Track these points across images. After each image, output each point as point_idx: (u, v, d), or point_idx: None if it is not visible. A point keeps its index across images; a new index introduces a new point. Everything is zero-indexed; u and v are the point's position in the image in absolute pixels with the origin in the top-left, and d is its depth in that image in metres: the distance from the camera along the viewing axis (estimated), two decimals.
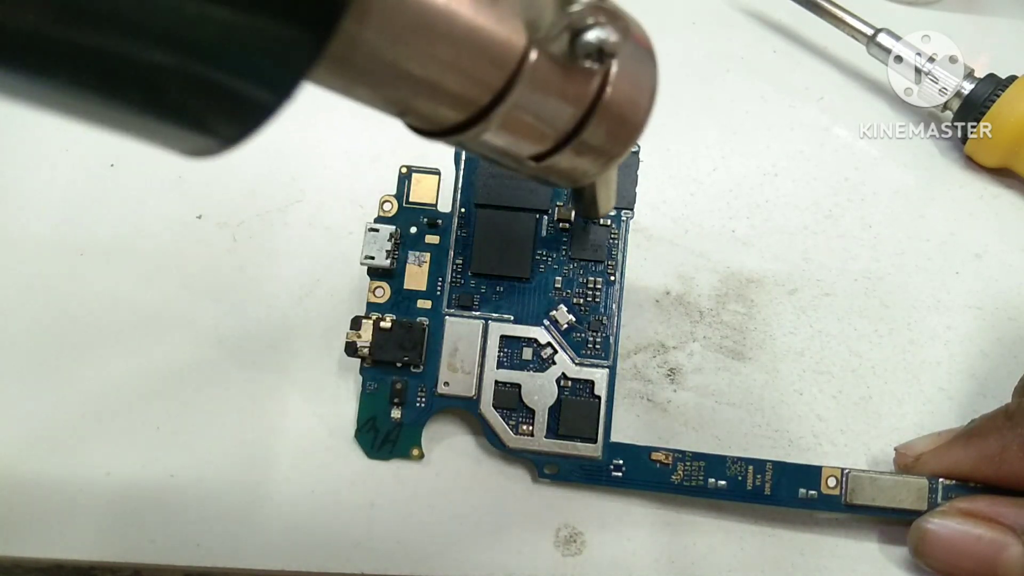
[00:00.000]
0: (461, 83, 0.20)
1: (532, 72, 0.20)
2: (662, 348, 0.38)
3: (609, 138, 0.24)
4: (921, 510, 0.32)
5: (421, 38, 0.18)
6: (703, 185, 0.42)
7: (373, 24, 0.17)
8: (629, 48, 0.23)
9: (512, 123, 0.21)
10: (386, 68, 0.19)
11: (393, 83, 0.19)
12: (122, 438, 0.36)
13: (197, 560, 0.34)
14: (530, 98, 0.21)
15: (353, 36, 0.17)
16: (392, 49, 0.18)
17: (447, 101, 0.20)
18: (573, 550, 0.34)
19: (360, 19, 0.17)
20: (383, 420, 0.35)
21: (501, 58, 0.20)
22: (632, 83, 0.23)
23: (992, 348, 0.38)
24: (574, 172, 0.25)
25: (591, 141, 0.23)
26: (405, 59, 0.19)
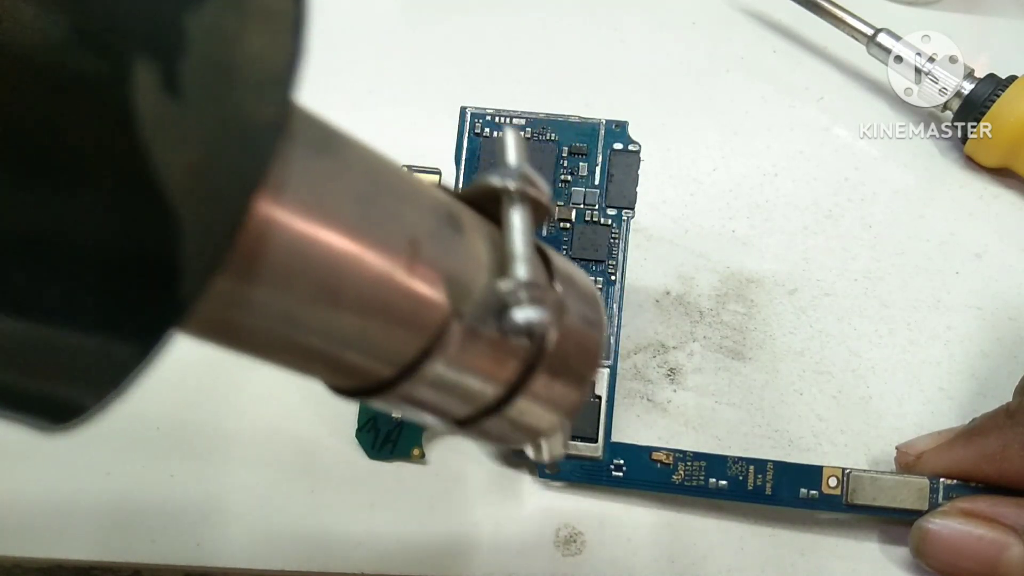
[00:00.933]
0: (366, 355, 0.18)
1: (450, 345, 0.18)
2: (662, 348, 0.38)
3: (543, 407, 0.21)
4: (922, 510, 0.32)
5: (322, 307, 0.16)
6: (703, 185, 0.42)
7: (260, 291, 0.15)
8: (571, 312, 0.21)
9: (422, 395, 0.19)
10: (277, 336, 0.16)
11: (286, 351, 0.17)
12: (122, 438, 0.36)
13: (197, 560, 0.34)
14: (449, 370, 0.19)
15: (234, 302, 0.15)
16: (285, 317, 0.16)
17: (350, 372, 0.18)
18: (573, 550, 0.34)
19: (244, 282, 0.15)
20: (384, 420, 0.35)
21: (416, 328, 0.18)
22: (572, 350, 0.21)
23: (992, 348, 0.38)
24: (506, 438, 0.23)
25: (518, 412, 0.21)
26: (301, 328, 0.16)
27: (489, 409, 0.21)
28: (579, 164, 0.36)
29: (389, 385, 0.19)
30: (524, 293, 0.18)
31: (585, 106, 0.43)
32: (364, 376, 0.18)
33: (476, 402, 0.20)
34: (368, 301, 0.17)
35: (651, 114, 0.43)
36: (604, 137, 0.36)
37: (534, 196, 0.19)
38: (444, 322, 0.18)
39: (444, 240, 0.18)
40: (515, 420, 0.21)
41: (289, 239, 0.15)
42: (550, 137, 0.36)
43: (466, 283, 0.18)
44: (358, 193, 0.16)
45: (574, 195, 0.36)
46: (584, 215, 0.36)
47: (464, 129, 0.36)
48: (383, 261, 0.17)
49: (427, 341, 0.18)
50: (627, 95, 0.44)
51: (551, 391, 0.21)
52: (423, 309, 0.18)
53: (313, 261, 0.15)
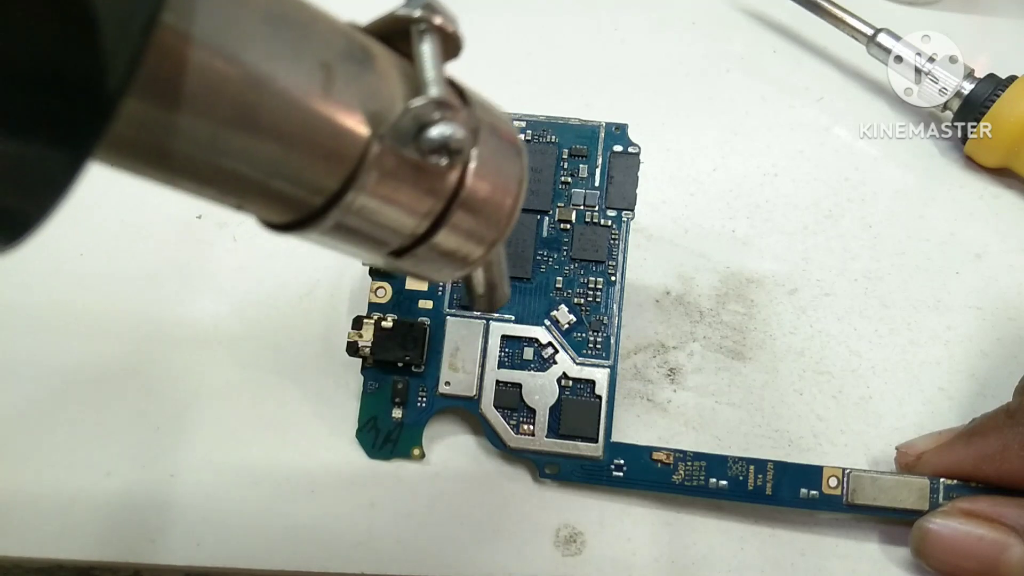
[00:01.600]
0: (292, 180, 0.18)
1: (374, 168, 0.18)
2: (662, 348, 0.38)
3: (471, 235, 0.22)
4: (922, 510, 0.32)
5: (243, 130, 0.17)
6: (703, 185, 0.42)
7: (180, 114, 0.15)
8: (488, 142, 0.21)
9: (355, 221, 0.20)
10: (203, 161, 0.17)
11: (215, 179, 0.17)
12: (122, 438, 0.36)
13: (197, 560, 0.34)
14: (374, 195, 0.19)
15: (155, 125, 0.15)
16: (209, 141, 0.16)
17: (278, 199, 0.19)
18: (573, 550, 0.34)
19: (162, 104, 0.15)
20: (384, 420, 0.35)
21: (338, 154, 0.18)
22: (494, 177, 0.21)
23: (992, 348, 0.38)
24: (435, 271, 0.23)
25: (448, 239, 0.22)
26: (226, 153, 0.17)
27: (420, 237, 0.21)
28: (579, 166, 0.36)
29: (317, 215, 0.19)
30: (438, 111, 0.18)
31: (585, 106, 0.43)
32: (292, 206, 0.19)
33: (405, 230, 0.21)
34: (287, 125, 0.17)
35: (651, 114, 0.43)
36: (604, 139, 0.36)
37: (441, 25, 0.19)
38: (364, 147, 0.18)
39: (357, 66, 0.18)
40: (446, 248, 0.22)
41: (201, 59, 0.15)
42: (550, 139, 0.36)
43: (382, 109, 0.18)
44: (265, 17, 0.17)
45: (574, 196, 0.36)
46: (584, 216, 0.36)
47: None
48: (298, 83, 0.17)
49: (348, 168, 0.18)
50: (627, 95, 0.44)
51: (473, 222, 0.22)
52: (342, 135, 0.18)
53: (227, 82, 0.16)
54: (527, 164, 0.23)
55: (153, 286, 0.38)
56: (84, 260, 0.39)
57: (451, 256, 0.22)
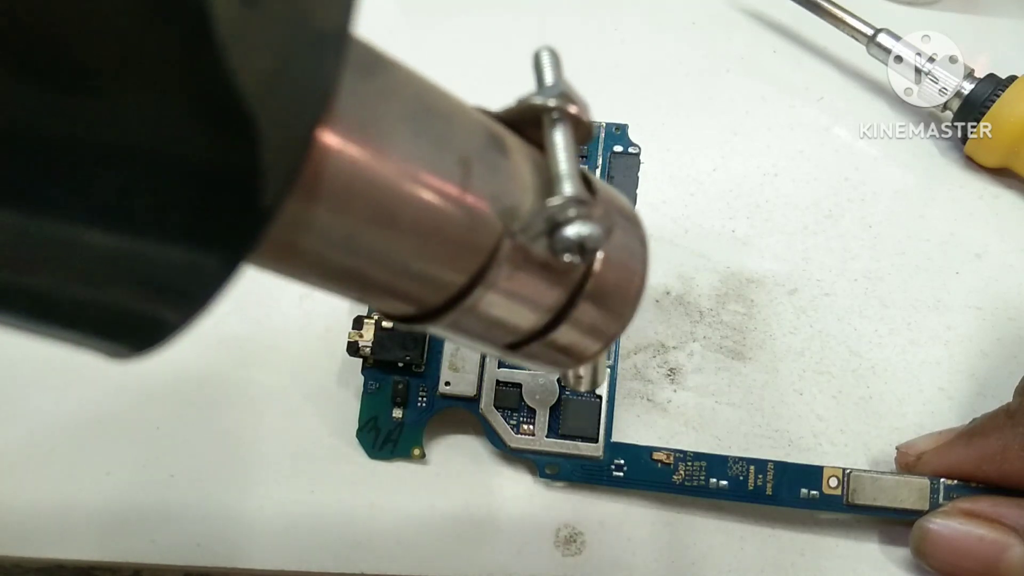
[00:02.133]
0: (422, 278, 0.18)
1: (504, 265, 0.18)
2: (662, 348, 0.38)
3: (593, 328, 0.21)
4: (923, 510, 0.32)
5: (380, 229, 0.16)
6: (703, 185, 0.42)
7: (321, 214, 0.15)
8: (616, 233, 0.21)
9: (478, 316, 0.19)
10: (337, 260, 0.17)
11: (346, 276, 0.17)
12: (122, 438, 0.36)
13: (197, 560, 0.34)
14: (501, 292, 0.19)
15: (296, 224, 0.15)
16: (345, 240, 0.16)
17: (405, 295, 0.18)
18: (573, 550, 0.34)
19: (306, 204, 0.15)
20: (384, 420, 0.35)
21: (470, 251, 0.18)
22: (619, 271, 0.21)
23: (992, 348, 0.38)
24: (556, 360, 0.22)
25: (571, 333, 0.21)
26: (360, 251, 0.16)
27: (539, 332, 0.21)
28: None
29: (445, 309, 0.19)
30: (574, 209, 0.17)
31: None
32: (420, 301, 0.19)
33: (526, 325, 0.20)
34: (425, 222, 0.17)
35: (651, 114, 0.43)
36: (604, 140, 0.36)
37: (575, 113, 0.19)
38: (497, 242, 0.18)
39: (492, 160, 0.18)
40: (563, 344, 0.21)
41: (347, 160, 0.15)
42: None
43: (515, 204, 0.18)
44: (408, 113, 0.16)
45: None
46: None
47: None
48: (437, 181, 0.17)
49: (481, 261, 0.18)
50: (627, 95, 0.44)
51: (598, 313, 0.21)
52: (477, 229, 0.17)
53: (371, 183, 0.16)
54: (649, 248, 0.22)
55: None
56: None
57: (566, 351, 0.22)
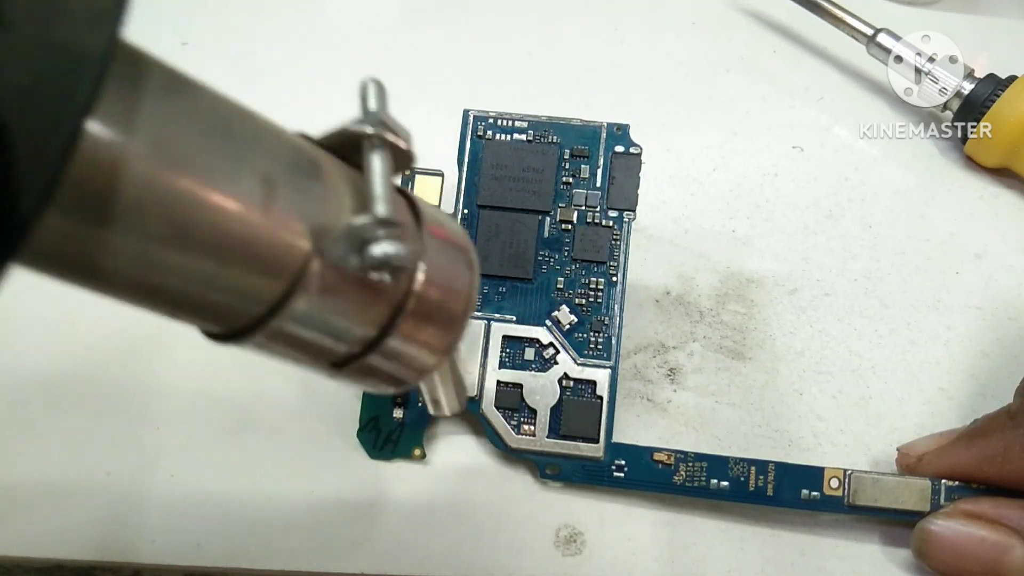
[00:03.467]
0: (227, 296, 0.18)
1: (314, 282, 0.18)
2: (662, 348, 0.38)
3: (417, 349, 0.22)
4: (924, 511, 0.32)
5: (176, 247, 0.16)
6: (703, 185, 0.42)
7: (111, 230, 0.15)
8: (436, 256, 0.21)
9: (291, 335, 0.19)
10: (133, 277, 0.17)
11: (146, 294, 0.18)
12: (122, 438, 0.36)
13: (197, 560, 0.34)
14: (312, 309, 0.19)
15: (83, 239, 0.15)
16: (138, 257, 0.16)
17: (213, 313, 0.19)
18: (573, 550, 0.34)
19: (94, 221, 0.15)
20: (385, 420, 0.35)
21: (275, 269, 0.18)
22: (443, 291, 0.21)
23: (992, 348, 0.38)
24: (377, 382, 0.23)
25: (392, 355, 0.21)
26: (159, 271, 0.17)
27: (361, 351, 0.21)
28: (581, 166, 0.36)
29: (253, 329, 0.19)
30: (381, 229, 0.18)
31: (585, 106, 0.43)
32: (229, 319, 0.19)
33: (346, 344, 0.21)
34: (223, 240, 0.17)
35: (651, 114, 0.43)
36: (605, 140, 0.36)
37: (393, 141, 0.19)
38: (304, 262, 0.18)
39: (301, 181, 0.18)
40: (387, 362, 0.22)
41: (136, 176, 0.15)
42: (552, 140, 0.36)
43: (327, 223, 0.18)
44: (207, 133, 0.17)
45: (576, 197, 0.36)
46: (586, 217, 0.36)
47: (466, 132, 0.36)
48: (234, 200, 0.17)
49: (288, 282, 0.18)
50: (627, 95, 0.44)
51: (422, 332, 0.21)
52: (282, 249, 0.18)
53: (163, 200, 0.16)
54: (479, 274, 0.23)
55: None
56: None
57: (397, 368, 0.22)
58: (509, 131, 0.36)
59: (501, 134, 0.36)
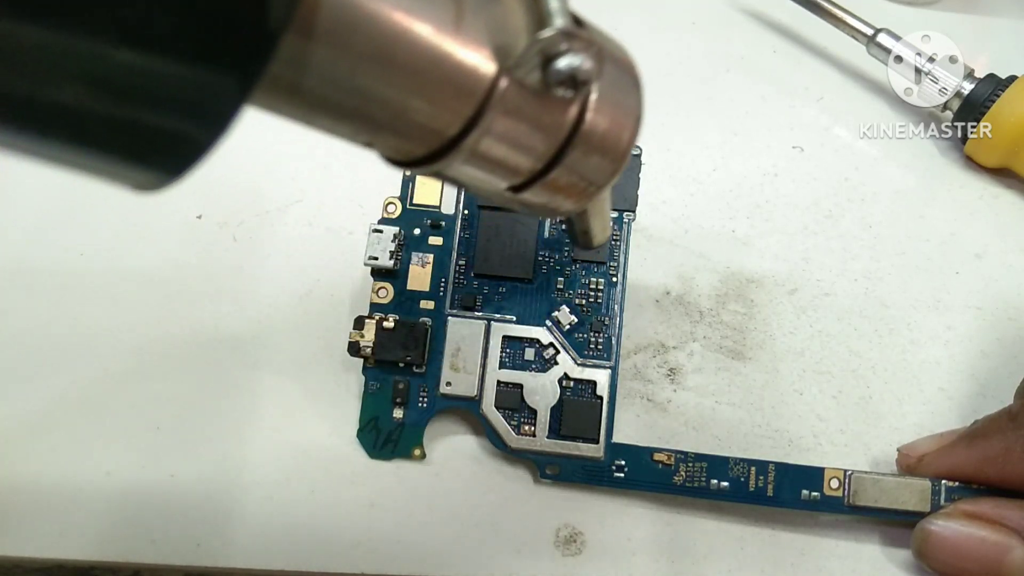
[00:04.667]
0: (424, 114, 0.19)
1: (502, 102, 0.19)
2: (662, 348, 0.38)
3: (590, 169, 0.22)
4: (924, 512, 0.32)
5: (378, 66, 0.17)
6: (703, 185, 0.42)
7: (321, 51, 0.16)
8: (609, 74, 0.21)
9: (483, 154, 0.20)
10: (340, 98, 0.18)
11: (351, 114, 0.18)
12: (122, 438, 0.36)
13: (197, 560, 0.34)
14: (501, 129, 0.20)
15: (300, 61, 0.16)
16: (346, 77, 0.17)
17: (411, 133, 0.19)
18: (573, 550, 0.34)
19: (306, 40, 0.16)
20: (385, 420, 0.35)
21: (468, 87, 0.19)
22: (613, 111, 0.22)
23: (992, 348, 0.38)
24: (555, 204, 0.24)
25: (569, 173, 0.22)
26: (362, 89, 0.18)
27: (541, 171, 0.22)
28: None
29: (447, 149, 0.20)
30: (564, 43, 0.18)
31: None
32: (423, 141, 0.20)
33: (527, 163, 0.21)
34: (421, 59, 0.18)
35: (651, 114, 0.43)
36: None
37: None
38: (493, 79, 0.19)
39: (484, 2, 0.19)
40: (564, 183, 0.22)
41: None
42: None
43: (508, 42, 0.19)
44: None
45: None
46: None
47: None
48: (432, 18, 0.17)
49: (478, 100, 0.19)
50: None
51: (596, 151, 0.22)
52: (472, 66, 0.18)
53: (367, 21, 0.17)
54: (642, 88, 0.23)
55: (153, 286, 0.38)
56: (84, 260, 0.39)
57: (565, 193, 0.23)
58: None
59: None
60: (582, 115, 0.21)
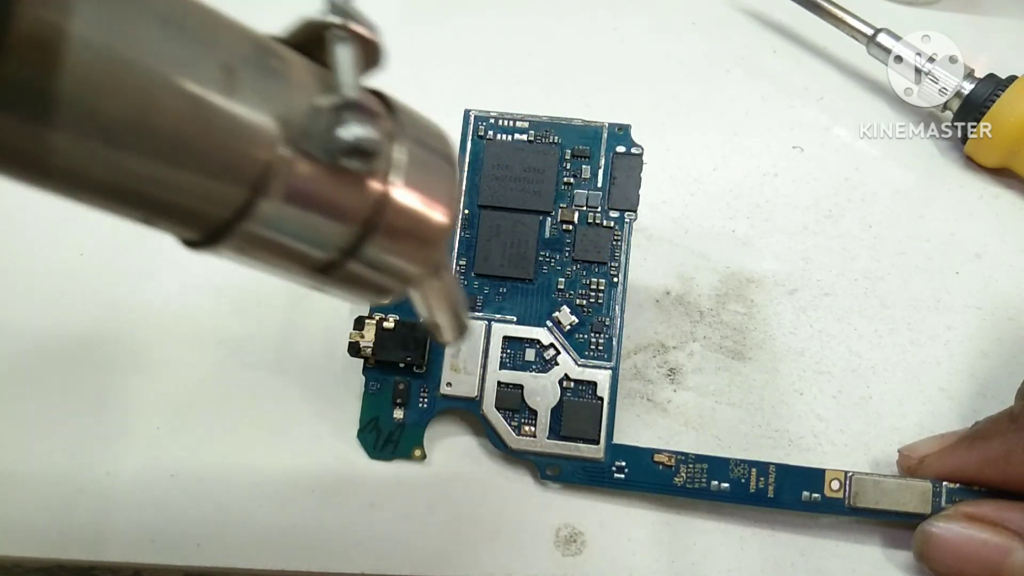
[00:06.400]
0: (193, 196, 0.17)
1: (285, 176, 0.17)
2: (662, 348, 0.38)
3: (395, 257, 0.21)
4: (925, 513, 0.33)
5: (131, 136, 0.15)
6: (703, 185, 0.42)
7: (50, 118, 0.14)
8: (414, 153, 0.20)
9: (265, 238, 0.18)
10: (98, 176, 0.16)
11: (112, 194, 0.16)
12: (122, 438, 0.36)
13: (197, 560, 0.34)
14: (284, 208, 0.18)
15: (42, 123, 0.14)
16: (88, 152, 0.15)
17: (182, 216, 0.17)
18: (573, 550, 0.34)
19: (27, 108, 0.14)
20: (385, 420, 0.35)
21: (242, 159, 0.17)
22: (419, 193, 0.20)
23: (992, 348, 0.38)
24: (365, 293, 0.22)
25: (372, 259, 0.20)
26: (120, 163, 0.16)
27: (339, 257, 0.20)
28: (582, 167, 0.36)
29: (225, 231, 0.18)
30: (349, 112, 0.17)
31: (585, 106, 0.43)
32: (201, 222, 0.18)
33: (323, 249, 0.19)
34: (183, 131, 0.16)
35: (651, 114, 0.43)
36: (607, 140, 0.36)
37: (359, 32, 0.19)
38: (271, 151, 0.17)
39: (265, 71, 0.17)
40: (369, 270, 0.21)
41: (82, 59, 0.14)
42: (553, 140, 0.36)
43: (293, 115, 0.17)
44: (163, 20, 0.16)
45: (576, 197, 0.36)
46: (587, 217, 0.36)
47: (467, 132, 0.36)
48: (196, 85, 0.16)
49: (256, 175, 0.17)
50: (627, 95, 0.44)
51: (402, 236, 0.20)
52: (247, 139, 0.17)
53: (120, 85, 0.15)
54: (460, 185, 0.22)
55: (152, 286, 0.38)
56: (84, 260, 0.39)
57: (380, 277, 0.21)
58: (510, 131, 0.36)
59: (502, 134, 0.36)
60: (385, 193, 0.19)
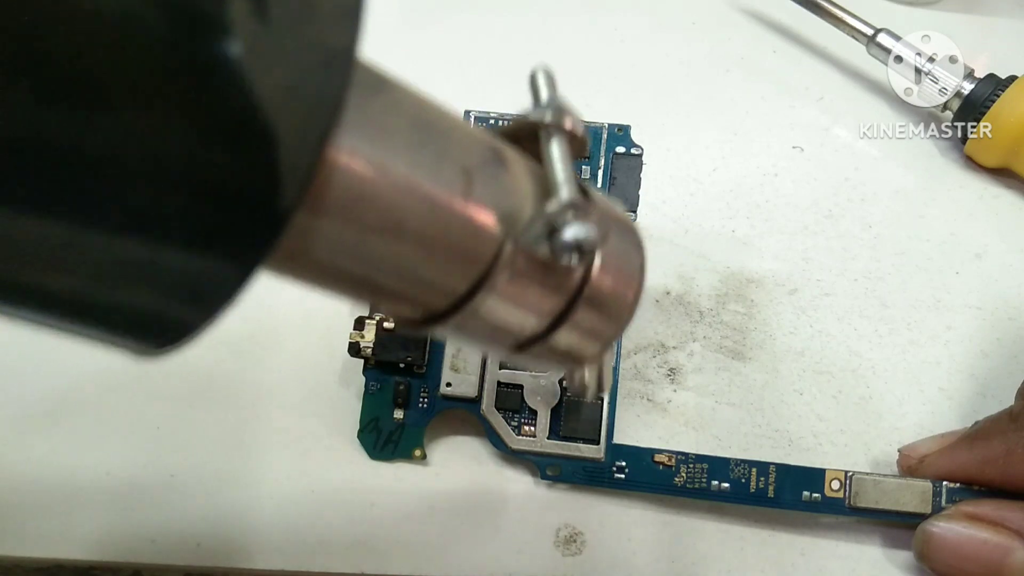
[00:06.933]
0: (424, 288, 0.19)
1: (508, 267, 0.19)
2: (662, 348, 0.38)
3: (593, 329, 0.22)
4: (925, 513, 0.32)
5: (387, 237, 0.17)
6: (703, 185, 0.42)
7: (329, 224, 0.16)
8: (612, 239, 0.22)
9: (485, 317, 0.20)
10: (345, 265, 0.17)
11: (355, 281, 0.18)
12: (122, 438, 0.36)
13: (197, 560, 0.34)
14: (505, 292, 0.19)
15: (306, 234, 0.16)
16: (353, 247, 0.17)
17: (415, 298, 0.19)
18: (573, 550, 0.34)
19: (314, 216, 0.15)
20: (386, 421, 0.35)
21: (474, 254, 0.19)
22: (617, 273, 0.22)
23: (992, 348, 0.38)
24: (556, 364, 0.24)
25: (572, 333, 0.22)
26: (368, 257, 0.17)
27: (540, 335, 0.21)
28: (582, 167, 0.36)
29: (449, 313, 0.20)
30: (571, 213, 0.18)
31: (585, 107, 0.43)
32: (426, 305, 0.19)
33: (527, 328, 0.21)
34: (429, 231, 0.18)
35: (651, 114, 0.43)
36: (607, 140, 0.36)
37: (569, 128, 0.20)
38: (498, 248, 0.19)
39: (493, 171, 0.19)
40: (563, 346, 0.22)
41: (356, 172, 0.16)
42: None
43: (515, 211, 0.19)
44: (411, 128, 0.17)
45: None
46: None
47: None
48: (441, 191, 0.17)
49: (484, 267, 0.19)
50: (627, 95, 0.44)
51: (599, 310, 0.22)
52: (479, 236, 0.18)
53: (378, 193, 0.16)
54: (647, 257, 0.23)
55: None
56: None
57: (567, 353, 0.22)
58: None
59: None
60: (586, 279, 0.21)
